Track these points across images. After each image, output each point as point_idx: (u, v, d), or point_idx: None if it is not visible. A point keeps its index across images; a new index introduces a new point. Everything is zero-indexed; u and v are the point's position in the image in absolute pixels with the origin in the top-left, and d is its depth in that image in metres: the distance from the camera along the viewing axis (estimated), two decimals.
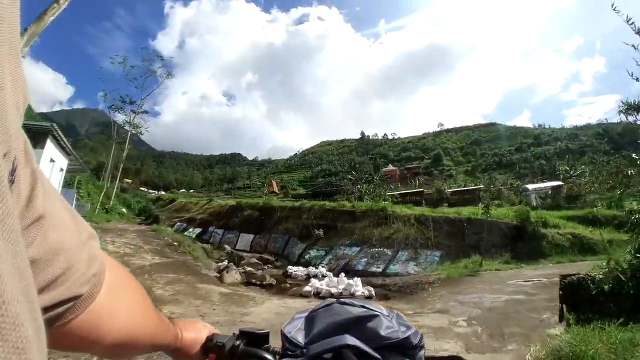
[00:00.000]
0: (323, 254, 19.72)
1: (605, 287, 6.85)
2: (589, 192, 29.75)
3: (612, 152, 79.74)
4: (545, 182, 42.27)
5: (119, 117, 40.76)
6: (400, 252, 17.96)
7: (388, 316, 0.74)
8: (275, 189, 64.01)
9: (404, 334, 0.68)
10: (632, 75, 6.47)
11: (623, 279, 6.59)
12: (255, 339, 0.76)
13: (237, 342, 0.74)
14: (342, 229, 20.96)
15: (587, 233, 17.32)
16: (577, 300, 6.58)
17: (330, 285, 13.80)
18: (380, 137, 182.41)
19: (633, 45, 6.54)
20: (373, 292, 12.72)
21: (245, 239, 24.70)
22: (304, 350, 0.67)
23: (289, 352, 0.69)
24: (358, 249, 18.97)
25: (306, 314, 0.79)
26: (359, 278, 14.33)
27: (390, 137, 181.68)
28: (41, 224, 0.32)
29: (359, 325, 0.71)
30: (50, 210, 0.33)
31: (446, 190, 36.55)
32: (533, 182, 43.60)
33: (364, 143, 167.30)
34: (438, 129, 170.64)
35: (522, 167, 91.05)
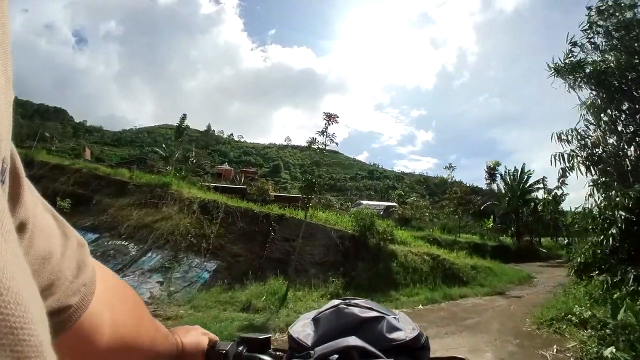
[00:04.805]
0: None
1: None
2: (423, 215, 28.03)
3: (429, 197, 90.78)
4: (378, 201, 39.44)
5: None
6: (151, 253, 10.37)
7: (394, 317, 0.73)
8: (88, 158, 50.06)
9: (410, 336, 0.67)
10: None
11: None
12: (257, 344, 0.74)
13: (240, 349, 0.71)
14: (97, 204, 13.73)
15: (445, 255, 12.49)
16: None
17: None
18: (226, 135, 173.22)
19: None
20: None
21: None
22: (311, 351, 0.67)
23: (296, 354, 0.69)
24: (95, 236, 11.57)
25: (312, 315, 0.78)
26: None
27: (236, 138, 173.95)
28: (27, 230, 0.30)
29: (365, 327, 0.70)
30: (36, 217, 0.31)
31: (270, 193, 29.03)
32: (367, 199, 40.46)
33: (207, 137, 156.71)
34: (285, 143, 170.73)
35: (353, 194, 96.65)
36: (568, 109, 8.37)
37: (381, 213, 31.53)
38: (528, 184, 28.61)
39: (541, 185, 28.59)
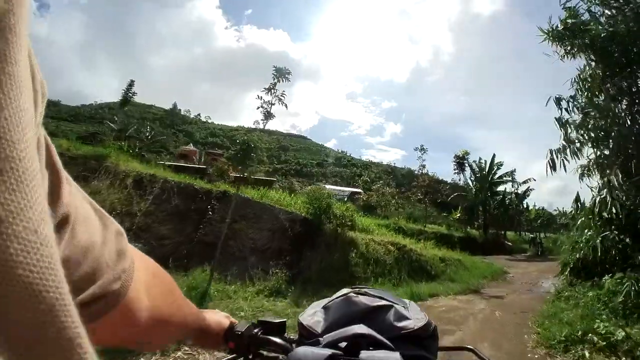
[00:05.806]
0: None
1: None
2: (388, 204, 26.87)
3: (396, 187, 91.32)
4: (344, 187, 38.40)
5: None
6: None
7: (403, 307, 0.73)
8: None
9: (418, 325, 0.68)
10: None
11: None
12: (273, 328, 0.76)
13: (255, 331, 0.74)
14: None
15: (412, 245, 11.11)
16: None
17: None
18: (193, 115, 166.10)
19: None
20: None
21: None
22: (320, 338, 0.67)
23: (305, 340, 0.70)
24: None
25: (323, 303, 0.78)
26: None
27: (203, 119, 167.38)
28: (69, 223, 0.31)
29: (374, 315, 0.71)
30: (76, 208, 0.33)
31: (230, 173, 26.88)
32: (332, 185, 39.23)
33: (173, 115, 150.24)
34: (253, 126, 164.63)
35: (319, 180, 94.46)
36: (533, 113, 7.20)
37: (345, 199, 30.39)
38: (497, 176, 28.16)
39: (510, 179, 28.37)
